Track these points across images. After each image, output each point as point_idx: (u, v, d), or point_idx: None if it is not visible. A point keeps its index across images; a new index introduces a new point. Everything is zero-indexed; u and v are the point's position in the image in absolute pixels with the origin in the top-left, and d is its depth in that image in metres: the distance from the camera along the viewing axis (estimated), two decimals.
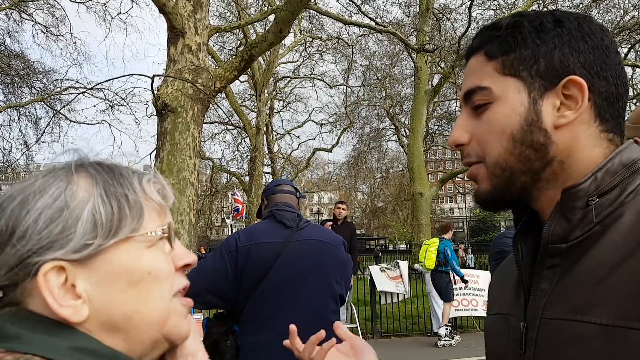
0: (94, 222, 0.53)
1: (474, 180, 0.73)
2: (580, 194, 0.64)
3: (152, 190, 0.59)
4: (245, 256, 1.99)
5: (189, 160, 5.94)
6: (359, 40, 19.89)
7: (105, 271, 0.54)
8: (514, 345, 0.70)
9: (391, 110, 22.94)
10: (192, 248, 5.91)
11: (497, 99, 0.68)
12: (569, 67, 0.66)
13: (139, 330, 0.55)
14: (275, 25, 6.03)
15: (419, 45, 11.79)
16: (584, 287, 0.61)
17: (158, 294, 0.56)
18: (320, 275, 2.10)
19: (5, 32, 15.57)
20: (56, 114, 14.52)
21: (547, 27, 0.67)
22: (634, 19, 15.33)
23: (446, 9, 18.13)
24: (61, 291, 0.52)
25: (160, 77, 6.00)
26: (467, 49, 0.75)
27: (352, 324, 6.93)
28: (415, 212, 16.53)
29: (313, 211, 46.58)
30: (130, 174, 0.59)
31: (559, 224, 0.65)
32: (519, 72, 0.68)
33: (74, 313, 0.52)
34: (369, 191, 37.14)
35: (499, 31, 0.70)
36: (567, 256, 0.65)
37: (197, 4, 6.27)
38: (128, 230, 0.55)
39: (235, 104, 19.26)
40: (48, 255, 0.51)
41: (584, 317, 0.59)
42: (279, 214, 2.14)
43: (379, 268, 8.78)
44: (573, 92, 0.66)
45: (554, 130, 0.66)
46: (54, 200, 0.53)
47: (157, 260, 0.57)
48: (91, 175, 0.56)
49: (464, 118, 0.73)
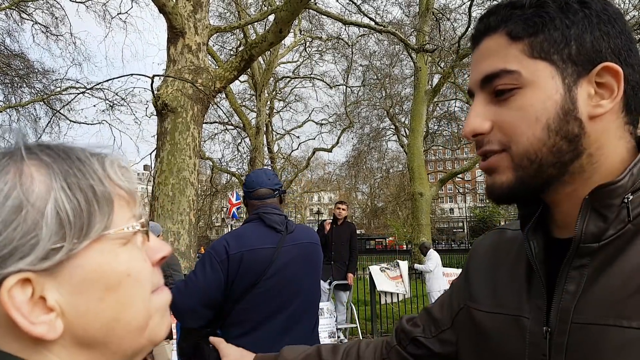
0: (59, 222, 0.44)
1: (491, 172, 0.66)
2: (619, 190, 0.60)
3: (119, 175, 0.50)
4: (237, 264, 1.93)
5: (189, 160, 5.94)
6: (358, 40, 19.90)
7: (77, 278, 0.45)
8: (533, 350, 0.65)
9: (391, 110, 22.93)
10: (192, 248, 5.91)
11: (527, 84, 0.62)
12: (601, 52, 0.61)
13: (122, 339, 0.48)
14: (275, 25, 6.03)
15: (419, 45, 11.79)
16: (625, 289, 0.57)
17: (139, 296, 0.49)
18: (315, 277, 2.12)
19: (5, 32, 15.58)
20: (56, 114, 14.51)
21: (574, 8, 0.62)
22: (634, 19, 15.32)
23: (446, 9, 18.13)
24: (29, 306, 0.44)
25: (160, 77, 6.00)
26: (479, 29, 0.68)
27: (352, 324, 6.92)
28: (415, 212, 16.53)
29: (313, 211, 46.57)
30: (89, 158, 0.49)
31: (593, 222, 0.61)
32: (550, 56, 0.62)
33: (49, 329, 0.44)
34: (369, 191, 37.13)
35: (522, 10, 0.63)
36: (596, 256, 0.61)
37: (197, 4, 6.27)
38: (100, 228, 0.47)
39: (235, 104, 19.27)
40: (10, 268, 0.42)
41: (631, 322, 0.55)
42: (267, 218, 2.07)
43: (379, 268, 8.77)
44: (607, 80, 0.61)
45: (588, 120, 0.61)
46: (7, 199, 0.43)
47: (134, 260, 0.49)
48: (46, 164, 0.46)
49: (481, 104, 0.66)
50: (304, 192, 37.62)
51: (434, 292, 8.35)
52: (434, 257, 8.66)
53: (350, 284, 6.76)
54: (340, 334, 6.39)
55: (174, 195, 5.81)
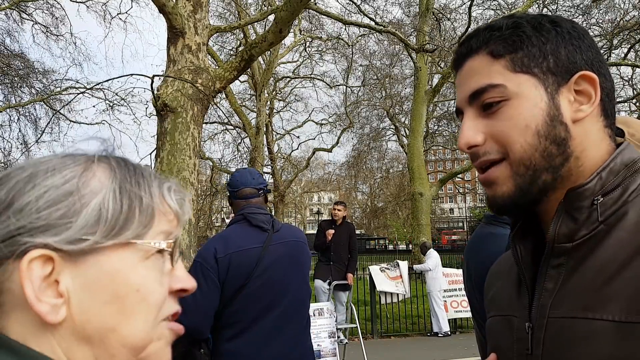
0: (98, 217, 0.48)
1: (490, 184, 0.70)
2: (587, 193, 0.64)
3: (172, 197, 0.55)
4: (226, 267, 1.93)
5: (189, 160, 5.94)
6: (358, 40, 19.89)
7: (92, 275, 0.48)
8: (519, 345, 0.69)
9: (391, 110, 22.95)
10: (192, 248, 5.91)
11: (513, 95, 0.67)
12: (576, 63, 0.67)
13: (113, 351, 0.49)
14: (275, 25, 6.03)
15: (418, 45, 11.79)
16: (593, 284, 0.61)
17: (142, 315, 0.50)
18: (302, 275, 2.11)
19: (5, 32, 15.59)
20: (56, 114, 14.52)
21: (546, 27, 0.68)
22: (634, 19, 15.31)
23: (446, 9, 18.15)
24: (43, 284, 0.46)
25: (160, 77, 6.00)
26: (461, 52, 0.73)
27: (352, 324, 6.92)
28: (415, 212, 16.53)
29: (313, 211, 46.58)
30: (151, 177, 0.54)
31: (565, 224, 0.65)
32: (531, 69, 0.67)
33: (52, 311, 0.46)
34: (369, 191, 37.16)
35: (500, 31, 0.69)
36: (572, 255, 0.65)
37: (197, 4, 6.27)
38: (131, 235, 0.50)
39: (235, 104, 19.27)
40: (40, 239, 0.46)
41: (595, 314, 0.59)
42: (253, 218, 2.07)
43: (379, 268, 8.77)
44: (585, 87, 0.67)
45: (572, 124, 0.67)
46: (64, 183, 0.49)
47: (149, 279, 0.51)
48: (111, 168, 0.52)
49: (471, 119, 0.71)
50: (304, 192, 37.61)
51: (434, 292, 8.35)
52: (433, 257, 8.66)
53: (350, 284, 6.77)
54: (340, 334, 6.39)
55: None
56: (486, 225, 2.20)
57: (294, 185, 30.14)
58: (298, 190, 35.00)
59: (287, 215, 40.20)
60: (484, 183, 0.71)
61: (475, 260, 2.15)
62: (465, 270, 2.22)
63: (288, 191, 25.12)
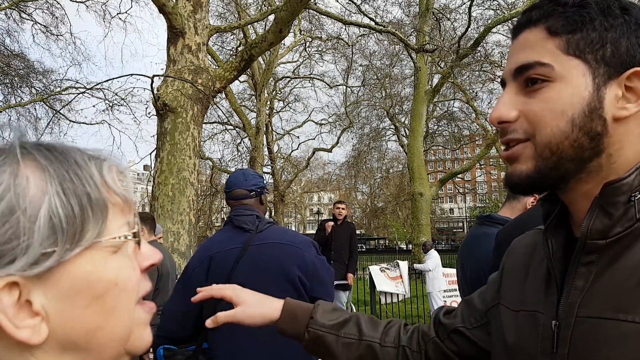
0: (51, 227, 0.43)
1: (512, 160, 0.68)
2: (624, 188, 0.61)
3: (116, 181, 0.50)
4: (206, 269, 1.94)
5: (188, 160, 5.94)
6: (358, 40, 19.88)
7: (65, 284, 0.45)
8: (544, 343, 0.67)
9: (391, 110, 22.93)
10: (192, 248, 5.90)
11: (558, 78, 0.65)
12: (634, 57, 0.63)
13: (104, 347, 0.48)
14: (275, 25, 6.03)
15: (418, 45, 11.79)
16: (625, 284, 0.59)
17: (124, 306, 0.49)
18: (287, 278, 2.00)
19: (5, 32, 15.60)
20: (56, 114, 14.51)
21: (615, 12, 0.64)
22: None
23: (446, 9, 18.13)
24: (15, 309, 0.43)
25: (160, 77, 6.00)
26: (520, 21, 0.70)
27: None
28: (415, 212, 16.53)
29: (313, 211, 46.59)
30: (87, 162, 0.48)
31: (599, 219, 0.62)
32: (585, 55, 0.64)
33: (34, 334, 0.44)
34: (369, 191, 37.14)
35: (564, 7, 0.66)
36: (604, 253, 0.63)
37: (197, 4, 6.27)
38: (92, 236, 0.46)
39: (235, 104, 19.26)
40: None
41: (627, 316, 0.57)
42: (236, 219, 2.06)
43: (379, 268, 8.78)
44: (636, 85, 0.63)
45: (612, 121, 0.63)
46: (1, 199, 0.42)
47: (123, 268, 0.49)
48: (42, 167, 0.45)
49: (511, 93, 0.68)
50: (304, 192, 37.61)
51: (434, 292, 8.35)
52: (433, 257, 8.66)
53: (350, 284, 6.76)
54: None
55: (174, 195, 5.81)
56: (480, 225, 2.20)
57: (294, 185, 30.14)
58: (298, 190, 34.99)
59: (287, 215, 40.17)
60: (506, 159, 0.70)
61: (469, 259, 2.15)
62: (459, 269, 2.21)
63: (288, 191, 25.13)
